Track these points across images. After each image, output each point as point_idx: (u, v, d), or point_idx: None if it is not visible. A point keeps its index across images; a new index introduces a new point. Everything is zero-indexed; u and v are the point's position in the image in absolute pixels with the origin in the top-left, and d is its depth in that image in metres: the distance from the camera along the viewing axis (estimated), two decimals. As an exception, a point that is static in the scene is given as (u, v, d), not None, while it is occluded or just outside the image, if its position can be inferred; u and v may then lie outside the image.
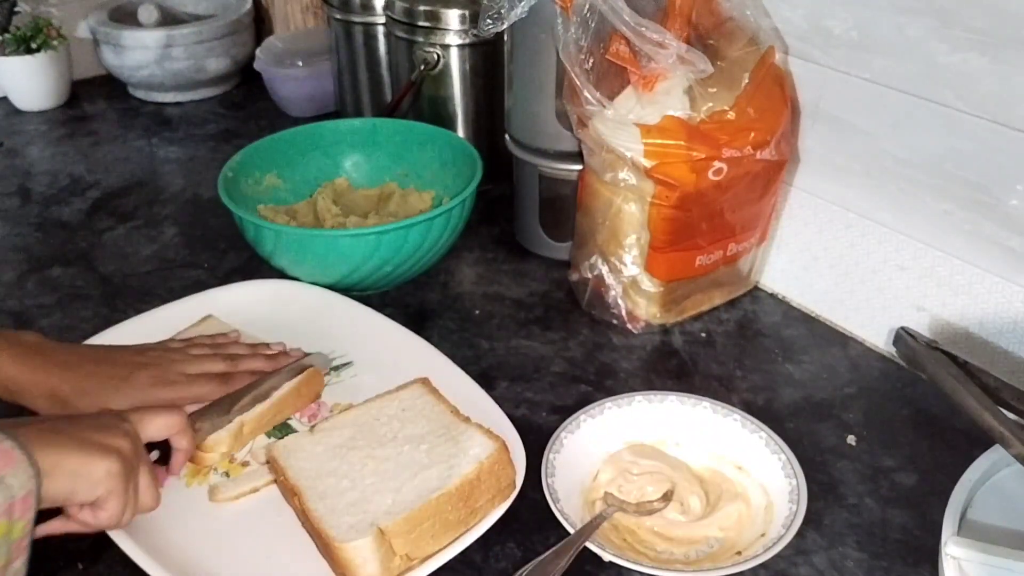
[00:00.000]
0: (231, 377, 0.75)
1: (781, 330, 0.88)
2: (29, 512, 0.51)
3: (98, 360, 0.73)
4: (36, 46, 1.34)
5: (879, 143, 0.78)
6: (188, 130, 1.34)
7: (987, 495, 0.64)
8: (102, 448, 0.56)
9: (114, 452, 0.57)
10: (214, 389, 0.73)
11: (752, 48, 0.79)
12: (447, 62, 1.05)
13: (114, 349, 0.76)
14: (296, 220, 0.96)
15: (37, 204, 1.13)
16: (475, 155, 0.94)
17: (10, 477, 0.50)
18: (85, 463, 0.55)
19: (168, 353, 0.76)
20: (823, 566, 0.63)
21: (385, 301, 0.91)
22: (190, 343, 0.78)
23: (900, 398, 0.79)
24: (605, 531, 0.64)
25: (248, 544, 0.64)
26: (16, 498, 0.50)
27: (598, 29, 0.75)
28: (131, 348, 0.76)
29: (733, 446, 0.71)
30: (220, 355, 0.77)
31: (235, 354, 0.77)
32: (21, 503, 0.51)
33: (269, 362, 0.77)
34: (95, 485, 0.56)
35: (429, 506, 0.60)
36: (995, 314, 0.74)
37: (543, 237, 0.98)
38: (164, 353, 0.75)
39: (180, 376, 0.73)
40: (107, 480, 0.56)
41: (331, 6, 1.18)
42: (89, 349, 0.77)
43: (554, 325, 0.88)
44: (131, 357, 0.74)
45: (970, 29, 0.68)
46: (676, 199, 0.78)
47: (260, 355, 0.78)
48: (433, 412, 0.70)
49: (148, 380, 0.71)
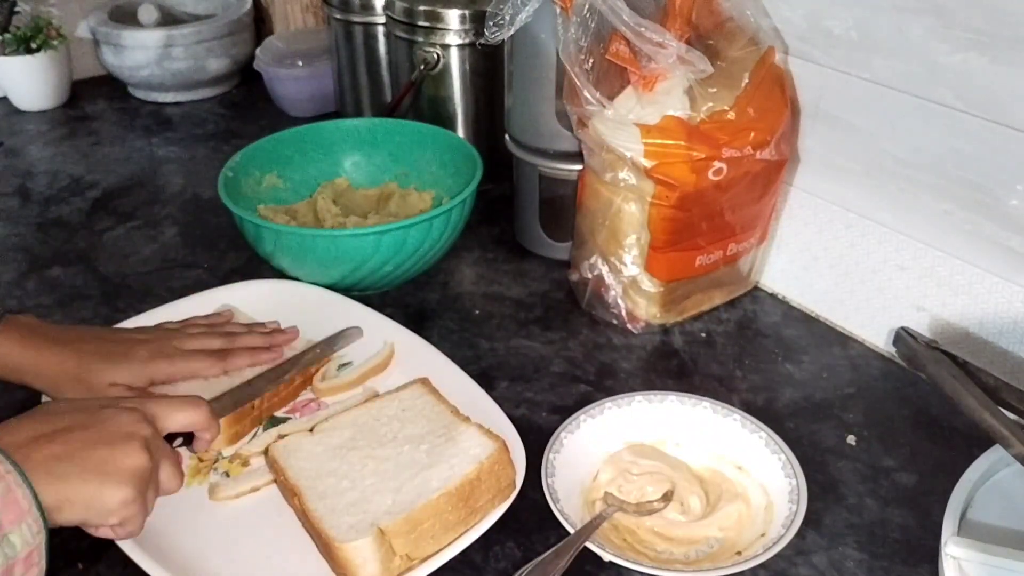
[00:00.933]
0: (228, 353, 0.76)
1: (781, 330, 0.88)
2: (33, 568, 0.49)
3: (97, 338, 0.74)
4: (36, 46, 1.34)
5: (879, 143, 0.78)
6: (188, 130, 1.34)
7: (987, 495, 0.64)
8: (115, 475, 0.54)
9: (127, 477, 0.54)
10: (211, 364, 0.75)
11: (752, 48, 0.79)
12: (447, 62, 1.05)
13: (110, 328, 0.79)
14: (296, 220, 0.96)
15: (37, 204, 1.13)
16: (475, 155, 0.94)
17: (13, 534, 0.48)
18: (97, 494, 0.53)
19: (164, 331, 0.77)
20: (823, 566, 0.63)
21: (385, 301, 0.91)
22: (186, 323, 0.80)
23: (900, 398, 0.79)
24: (605, 531, 0.64)
25: (248, 544, 0.64)
26: (18, 558, 0.48)
27: (598, 29, 0.75)
28: (128, 328, 0.79)
29: (733, 446, 0.71)
30: (216, 333, 0.78)
31: (231, 332, 0.79)
32: (23, 562, 0.48)
33: (265, 339, 0.79)
34: (111, 513, 0.54)
35: (429, 506, 0.60)
36: (995, 314, 0.74)
37: (543, 237, 0.98)
38: (161, 331, 0.77)
39: (177, 351, 0.74)
40: (121, 509, 0.54)
41: (331, 6, 1.18)
42: (86, 329, 0.79)
43: (554, 325, 0.88)
44: (128, 335, 0.76)
45: (970, 29, 0.68)
46: (676, 199, 0.78)
47: (256, 332, 0.79)
48: (433, 412, 0.70)
49: (147, 354, 0.72)
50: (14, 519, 0.48)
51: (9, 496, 0.48)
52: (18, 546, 0.48)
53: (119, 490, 0.54)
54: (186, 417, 0.62)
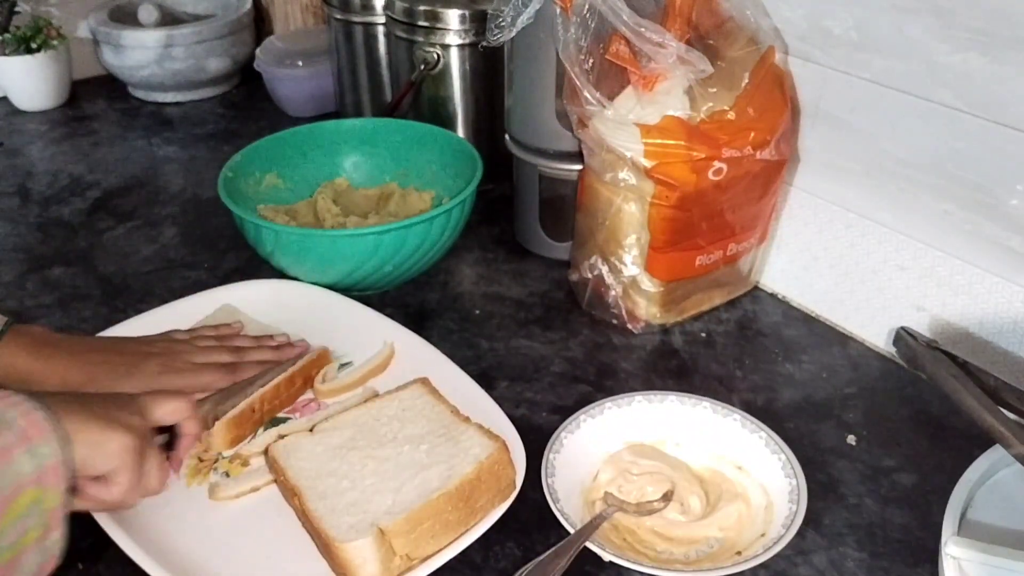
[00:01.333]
0: (237, 367, 0.76)
1: (781, 330, 0.88)
2: (61, 482, 0.53)
3: (106, 349, 0.74)
4: (36, 46, 1.34)
5: (879, 143, 0.78)
6: (188, 130, 1.34)
7: (987, 495, 0.64)
8: (119, 422, 0.58)
9: (130, 427, 0.58)
10: (221, 378, 0.74)
11: (752, 48, 0.79)
12: (447, 62, 1.05)
13: (120, 339, 0.78)
14: (296, 220, 0.96)
15: (37, 204, 1.13)
16: (475, 155, 0.94)
17: (41, 446, 0.52)
18: (103, 434, 0.56)
19: (174, 344, 0.77)
20: (823, 566, 0.63)
21: (385, 301, 0.91)
22: (195, 334, 0.79)
23: (900, 398, 0.79)
24: (605, 531, 0.64)
25: (248, 544, 0.64)
26: (47, 466, 0.52)
27: (598, 29, 0.75)
28: (137, 338, 0.78)
29: (733, 446, 0.71)
30: (225, 347, 0.78)
31: (240, 346, 0.78)
32: (52, 471, 0.52)
33: (275, 353, 0.78)
34: (110, 457, 0.57)
35: (429, 506, 0.60)
36: (995, 314, 0.74)
37: (543, 237, 0.98)
38: (170, 344, 0.77)
39: (187, 364, 0.74)
40: (122, 453, 0.57)
41: (331, 6, 1.18)
42: (95, 340, 0.78)
43: (554, 325, 0.88)
44: (138, 347, 0.75)
45: (970, 29, 0.68)
46: (676, 199, 0.78)
47: (265, 347, 0.79)
48: (433, 412, 0.70)
49: (156, 368, 0.73)
50: (39, 433, 0.52)
51: (32, 417, 0.52)
52: (46, 455, 0.52)
53: (121, 433, 0.57)
54: (172, 405, 0.64)
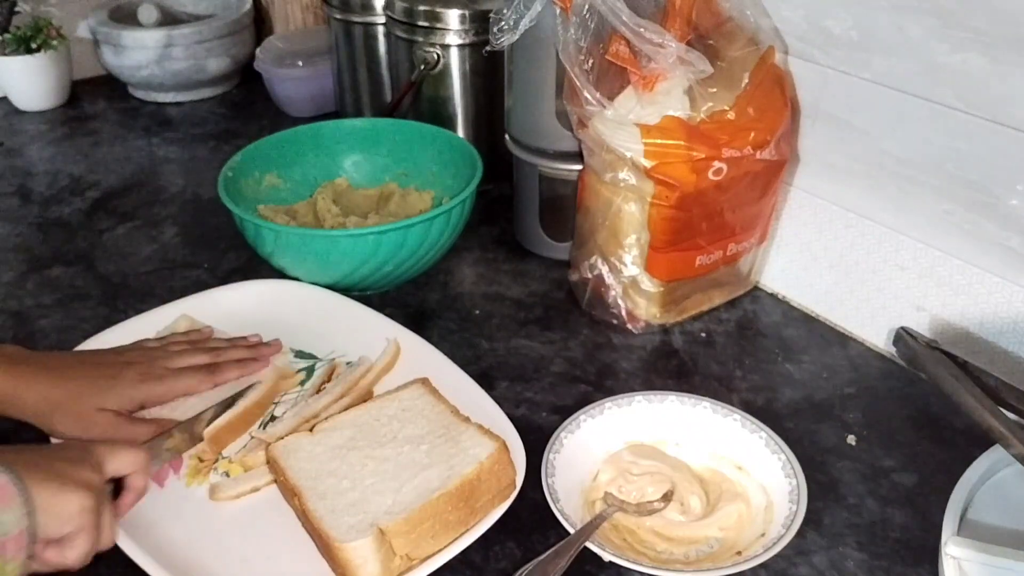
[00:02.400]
0: (216, 368, 0.75)
1: (781, 330, 0.88)
2: (22, 552, 0.50)
3: (83, 363, 0.72)
4: (36, 46, 1.34)
5: (879, 143, 0.78)
6: (188, 130, 1.34)
7: (987, 495, 0.64)
8: (75, 482, 0.55)
9: (88, 486, 0.55)
10: (202, 380, 0.74)
11: (752, 48, 0.79)
12: (447, 62, 1.05)
13: (93, 352, 0.77)
14: (296, 220, 0.96)
15: (37, 204, 1.13)
16: (475, 155, 0.94)
17: (4, 513, 0.49)
18: (59, 497, 0.53)
19: (149, 351, 0.76)
20: (823, 566, 0.63)
21: (385, 301, 0.91)
22: (167, 341, 0.79)
23: (900, 398, 0.79)
24: (605, 531, 0.64)
25: (248, 544, 0.64)
26: (10, 535, 0.49)
27: (598, 29, 0.75)
28: (110, 350, 0.76)
29: (733, 446, 0.71)
30: (201, 348, 0.77)
31: (215, 347, 0.78)
32: (15, 541, 0.50)
33: (250, 351, 0.78)
34: (67, 520, 0.54)
35: (429, 506, 0.60)
36: (995, 314, 0.74)
37: (543, 237, 0.98)
38: (145, 351, 0.76)
39: (166, 370, 0.73)
40: (79, 516, 0.54)
41: (331, 6, 1.18)
42: (69, 355, 0.77)
43: (554, 325, 0.88)
44: (114, 357, 0.74)
45: (970, 29, 0.68)
46: (676, 199, 0.78)
47: (239, 346, 0.79)
48: (433, 412, 0.70)
49: (136, 377, 0.71)
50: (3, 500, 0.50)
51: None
52: (9, 524, 0.50)
53: (79, 494, 0.54)
54: (129, 457, 0.61)
